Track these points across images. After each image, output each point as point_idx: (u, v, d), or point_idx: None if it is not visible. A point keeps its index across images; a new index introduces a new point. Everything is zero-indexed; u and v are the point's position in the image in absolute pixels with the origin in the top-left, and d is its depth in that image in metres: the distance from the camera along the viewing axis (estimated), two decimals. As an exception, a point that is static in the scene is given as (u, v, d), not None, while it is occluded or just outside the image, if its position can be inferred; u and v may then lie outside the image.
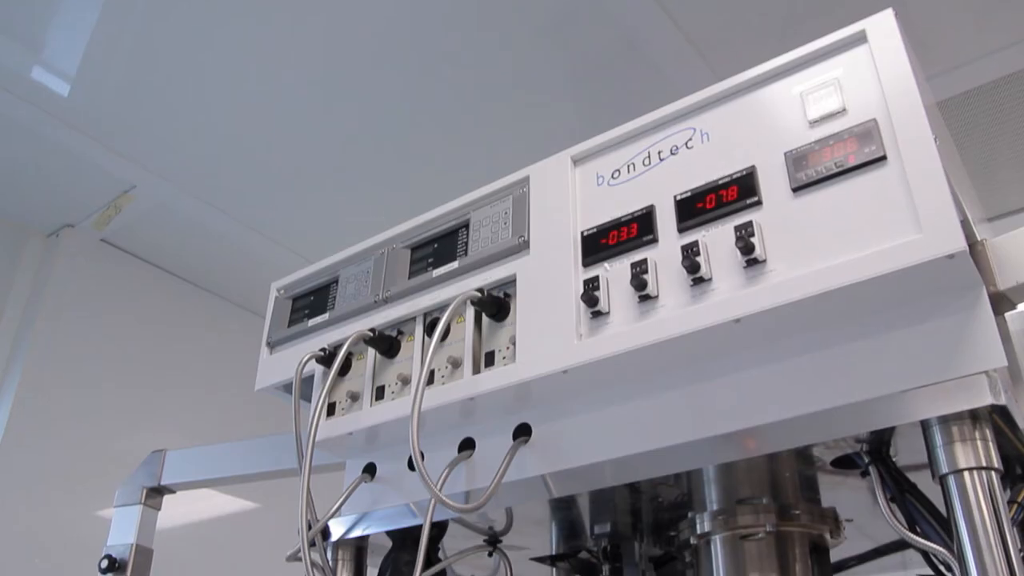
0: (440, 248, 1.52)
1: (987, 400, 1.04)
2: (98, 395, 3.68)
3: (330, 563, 1.59)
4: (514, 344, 1.33)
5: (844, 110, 1.19)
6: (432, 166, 3.50)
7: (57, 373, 3.59)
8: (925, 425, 1.12)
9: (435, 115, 3.29)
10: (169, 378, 3.96)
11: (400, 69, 3.08)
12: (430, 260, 1.52)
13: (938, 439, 1.11)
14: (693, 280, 1.20)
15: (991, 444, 1.09)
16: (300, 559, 1.42)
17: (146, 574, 2.00)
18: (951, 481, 1.09)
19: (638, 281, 1.23)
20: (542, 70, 3.10)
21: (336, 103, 3.22)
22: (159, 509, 2.10)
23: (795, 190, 1.18)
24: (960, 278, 1.08)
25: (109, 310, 3.88)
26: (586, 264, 1.32)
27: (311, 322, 1.65)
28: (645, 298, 1.23)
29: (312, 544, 1.47)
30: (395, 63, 3.05)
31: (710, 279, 1.19)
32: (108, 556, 1.99)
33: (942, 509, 1.14)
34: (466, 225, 1.50)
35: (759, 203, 1.20)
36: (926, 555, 1.31)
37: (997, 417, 1.10)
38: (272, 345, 1.72)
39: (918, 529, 1.17)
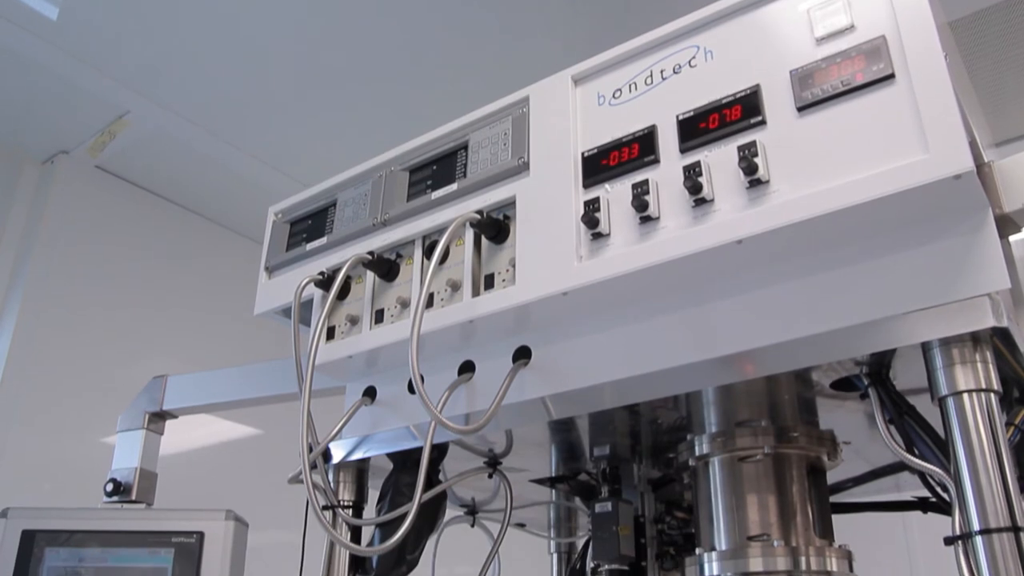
0: (439, 170, 1.50)
1: (989, 322, 1.04)
2: (98, 323, 3.69)
3: (331, 485, 1.61)
4: (514, 266, 1.32)
5: (852, 27, 1.16)
6: (431, 88, 3.45)
7: (57, 302, 3.59)
8: (926, 347, 1.12)
9: (433, 36, 3.23)
10: (169, 305, 3.96)
11: (397, -10, 3.01)
12: (429, 182, 1.50)
13: (938, 361, 1.11)
14: (695, 201, 1.18)
15: (991, 367, 1.09)
16: (302, 481, 1.43)
17: (150, 496, 2.03)
18: (950, 403, 1.09)
19: (639, 202, 1.21)
20: (543, -10, 3.03)
21: (333, 26, 3.16)
22: (161, 434, 2.11)
23: (800, 109, 1.15)
24: (966, 200, 1.06)
25: (106, 238, 3.87)
26: (587, 185, 1.30)
27: (309, 246, 1.63)
28: (646, 219, 1.22)
29: (313, 466, 1.48)
30: (392, -17, 2.98)
31: (712, 200, 1.17)
32: (113, 479, 2.01)
33: (940, 432, 1.15)
34: (465, 147, 1.47)
35: (763, 123, 1.18)
36: (923, 477, 1.32)
37: (998, 340, 1.10)
38: (270, 269, 1.71)
39: (916, 451, 1.18)
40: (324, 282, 1.53)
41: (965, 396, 1.08)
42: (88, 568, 1.71)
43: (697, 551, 1.45)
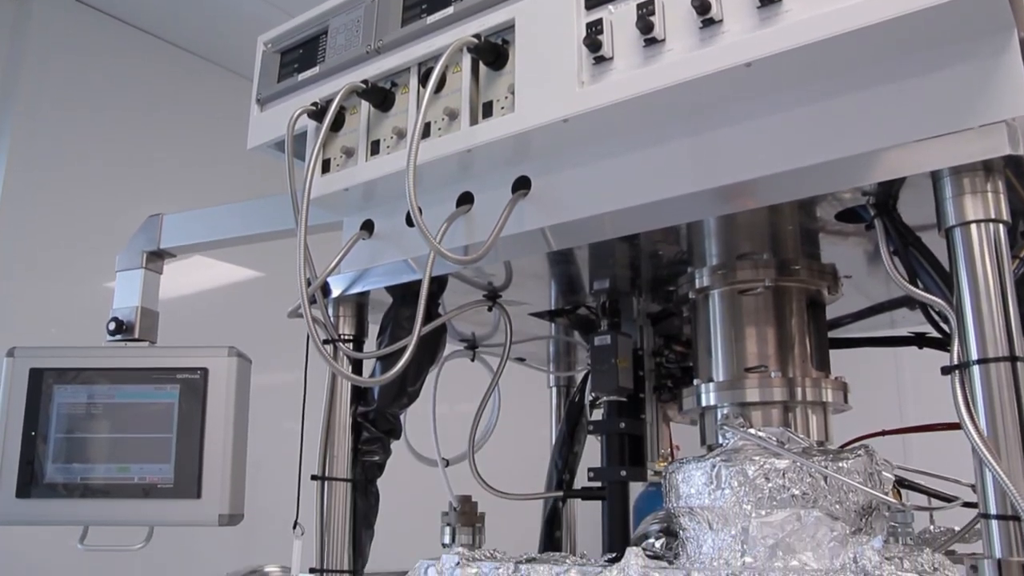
0: (434, -8, 1.42)
1: (1004, 150, 1.00)
2: (90, 167, 3.63)
3: (331, 319, 1.61)
4: (513, 93, 1.27)
5: None
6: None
7: (46, 147, 3.52)
8: (935, 177, 1.09)
9: None
10: (163, 146, 3.89)
11: None
12: (424, 6, 1.42)
13: (948, 191, 1.08)
14: (703, 22, 1.12)
15: (1002, 197, 1.07)
16: (301, 315, 1.43)
17: (153, 335, 2.04)
18: (957, 234, 1.08)
19: (644, 23, 1.15)
20: None
21: None
22: (160, 273, 2.11)
23: (819, -80, 1.08)
24: (991, 19, 1.01)
25: (91, 77, 3.75)
26: (589, 6, 1.23)
27: (301, 76, 1.57)
28: (651, 42, 1.16)
29: (312, 301, 1.48)
30: None
31: (721, 20, 1.11)
32: (115, 319, 2.02)
33: (944, 265, 1.14)
34: (461, -33, 1.39)
35: (776, -65, 1.10)
36: (924, 308, 1.32)
37: (1010, 171, 1.07)
38: (262, 102, 1.65)
39: (919, 282, 1.17)
40: (317, 113, 1.48)
41: (973, 227, 1.06)
42: (97, 404, 1.74)
43: (695, 382, 1.47)
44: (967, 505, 1.53)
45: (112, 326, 2.00)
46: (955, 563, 1.14)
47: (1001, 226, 1.06)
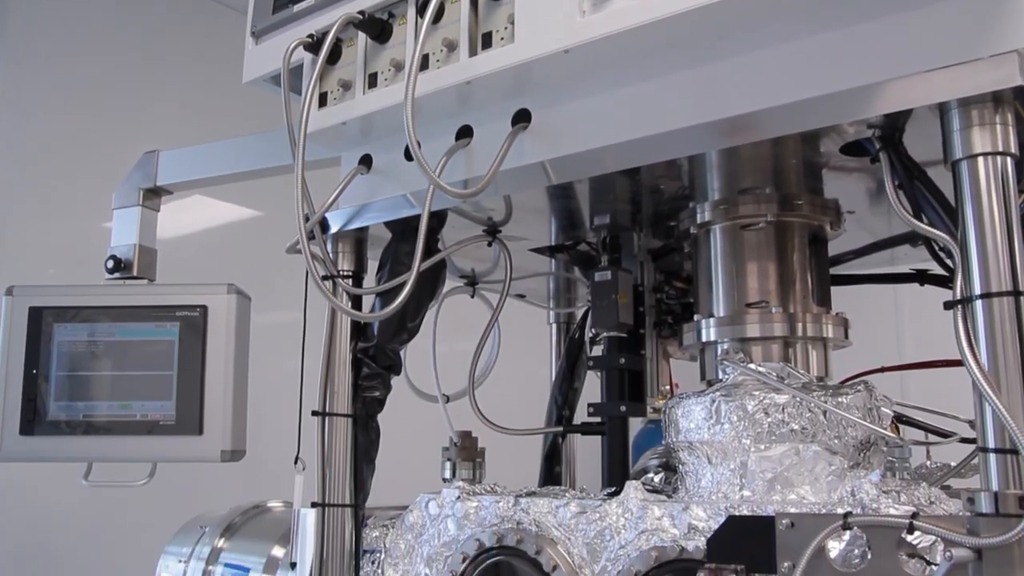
0: (431, -83, 1.38)
1: (1016, 80, 0.98)
2: (85, 104, 3.58)
3: (330, 255, 1.60)
4: (512, 23, 1.24)
5: None
6: None
7: (40, 85, 3.46)
8: (943, 109, 1.08)
9: None
10: (157, 81, 3.83)
11: None
12: (421, -66, 1.39)
13: (955, 123, 1.07)
14: (707, -52, 1.09)
15: (1011, 130, 1.05)
16: (300, 251, 1.42)
17: (152, 273, 2.03)
18: (963, 167, 1.06)
19: (648, -50, 1.12)
20: None
21: None
22: (158, 211, 2.09)
23: None
24: (1002, -57, 0.98)
25: (83, 13, 3.67)
26: (591, -68, 1.20)
27: (296, 7, 1.53)
28: (655, -31, 1.13)
29: (311, 237, 1.47)
30: None
31: (725, -53, 1.08)
32: (113, 256, 2.01)
33: (949, 199, 1.12)
34: None
35: None
36: (928, 244, 1.31)
37: (1019, 103, 1.05)
38: (257, 35, 1.62)
39: (924, 217, 1.16)
40: (313, 45, 1.45)
41: (980, 160, 1.05)
42: (98, 342, 1.74)
43: (695, 318, 1.47)
44: (964, 441, 1.54)
45: (110, 264, 1.99)
46: (951, 497, 1.15)
47: (1009, 159, 1.05)
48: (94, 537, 2.83)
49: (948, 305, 1.08)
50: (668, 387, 1.75)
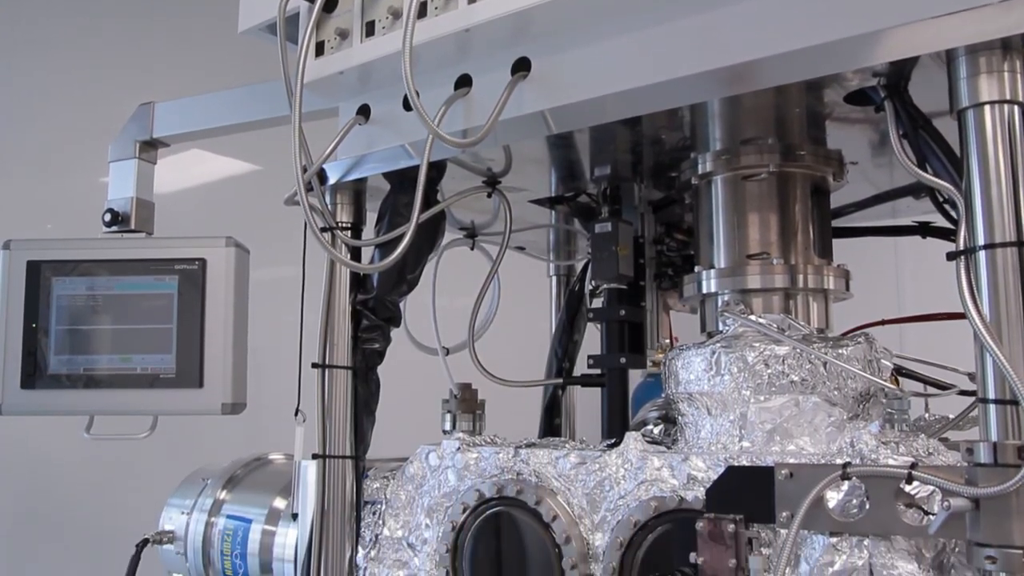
0: None
1: (1025, 26, 0.96)
2: (79, 56, 3.53)
3: (328, 207, 1.59)
4: (512, -31, 1.22)
5: None
6: None
7: (32, 36, 3.41)
8: (950, 56, 1.06)
9: None
10: (151, 32, 3.77)
11: None
12: None
13: (962, 71, 1.05)
14: None
15: (1019, 77, 1.03)
16: (298, 203, 1.41)
17: (149, 226, 2.02)
18: (970, 116, 1.05)
19: None
20: None
21: None
22: (154, 163, 2.08)
23: None
24: None
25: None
26: None
27: (291, -47, 1.51)
28: (658, -88, 1.10)
29: (309, 188, 1.45)
30: None
31: None
32: (110, 210, 1.99)
33: (954, 150, 1.11)
34: None
35: None
36: (932, 194, 1.30)
37: (1026, 50, 1.04)
38: (253, -18, 1.59)
39: (928, 167, 1.15)
40: (310, -8, 1.43)
41: (987, 108, 1.03)
42: (97, 296, 1.73)
43: (696, 269, 1.46)
44: (963, 393, 1.54)
45: (108, 217, 1.97)
46: (950, 449, 1.15)
47: (1016, 108, 1.03)
48: (97, 490, 2.85)
49: (951, 256, 1.07)
50: (668, 340, 1.76)
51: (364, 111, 1.48)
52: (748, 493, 1.16)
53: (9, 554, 2.64)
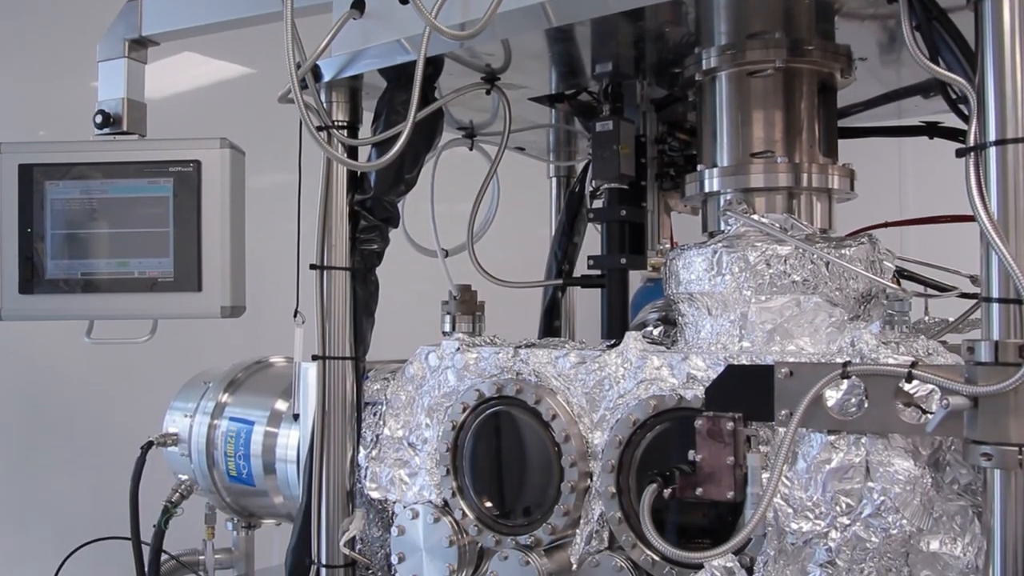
0: None
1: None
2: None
3: (324, 105, 1.55)
4: None
5: None
6: None
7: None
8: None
9: None
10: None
11: None
12: None
13: (981, -42, 1.01)
14: None
15: (1040, -34, 1.00)
16: (292, 100, 1.38)
17: (142, 128, 1.98)
18: (987, 6, 1.01)
19: None
20: None
21: None
22: (144, 63, 2.02)
23: None
24: None
25: None
26: None
27: None
28: None
29: (304, 86, 1.42)
30: None
31: None
32: (101, 111, 1.95)
33: (968, 44, 1.08)
34: None
35: None
36: (944, 90, 1.26)
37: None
38: None
39: (941, 61, 1.12)
40: None
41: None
42: (91, 200, 1.71)
43: (698, 168, 1.44)
44: (964, 296, 1.53)
45: (99, 119, 1.93)
46: (949, 351, 1.15)
47: (1035, -3, 1.00)
48: (100, 395, 2.87)
49: (960, 153, 1.05)
50: (668, 242, 1.74)
51: (359, 5, 1.43)
52: (747, 392, 1.16)
53: (14, 460, 2.68)
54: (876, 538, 1.08)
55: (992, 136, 1.01)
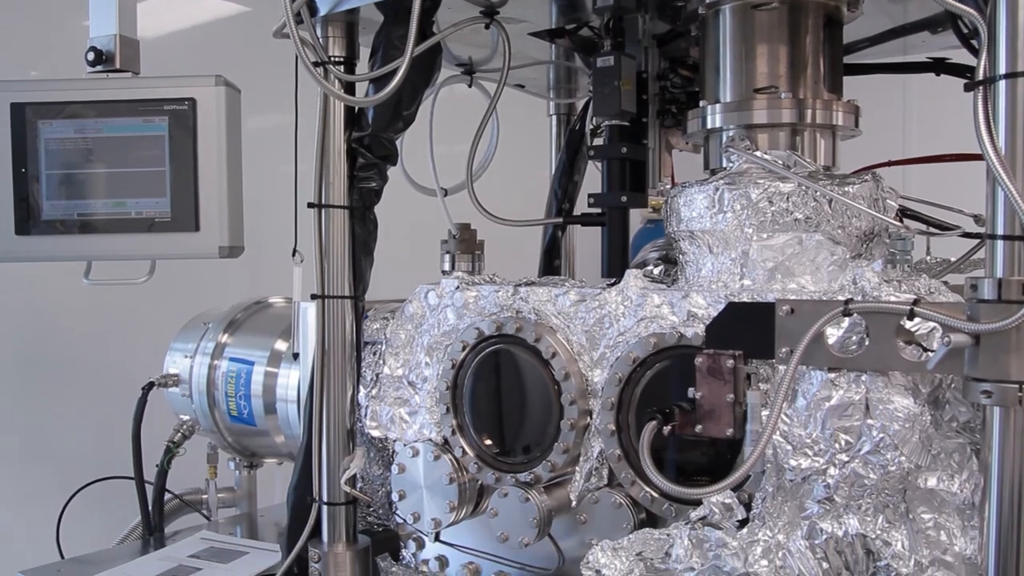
0: None
1: None
2: None
3: (320, 40, 1.52)
4: None
5: None
6: None
7: None
8: None
9: None
10: None
11: None
12: None
13: None
14: None
15: None
16: (287, 35, 1.35)
17: (136, 65, 1.94)
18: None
19: None
20: None
21: None
22: (137, -1, 1.99)
23: None
24: None
25: None
26: None
27: None
28: None
29: (299, 20, 1.39)
30: None
31: None
32: (93, 48, 1.92)
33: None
34: None
35: None
36: (954, 22, 1.24)
37: None
38: None
39: (951, -10, 1.09)
40: None
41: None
42: (85, 139, 1.69)
43: (700, 104, 1.42)
44: (967, 235, 1.52)
45: (91, 56, 1.90)
46: (951, 291, 1.15)
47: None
48: (99, 336, 2.87)
49: (969, 87, 1.03)
50: (669, 181, 1.72)
51: (354, -65, 1.40)
52: (748, 329, 1.16)
53: (16, 402, 2.69)
54: (874, 475, 1.08)
55: (1002, 69, 0.99)
